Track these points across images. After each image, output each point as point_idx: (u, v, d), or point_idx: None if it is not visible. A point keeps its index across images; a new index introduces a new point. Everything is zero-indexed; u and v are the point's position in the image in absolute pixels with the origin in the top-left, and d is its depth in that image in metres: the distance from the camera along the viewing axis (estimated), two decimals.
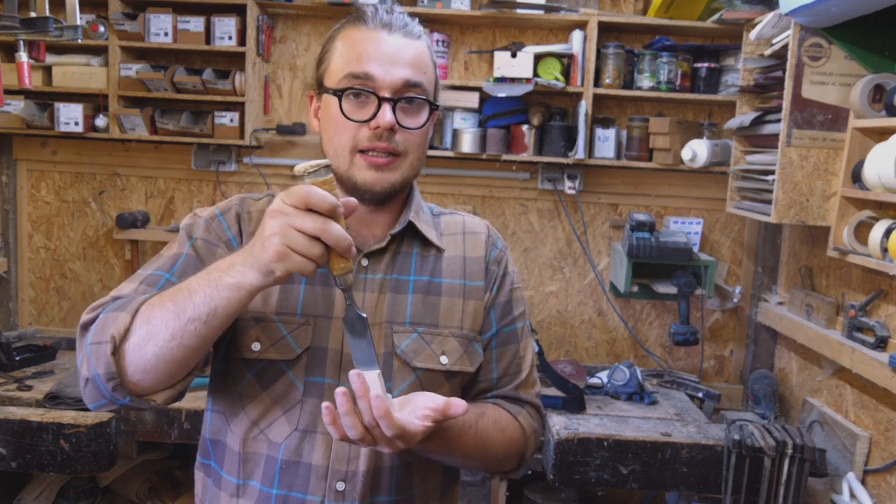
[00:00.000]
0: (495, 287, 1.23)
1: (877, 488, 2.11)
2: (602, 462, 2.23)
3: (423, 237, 1.19)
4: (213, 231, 1.13)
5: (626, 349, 3.09)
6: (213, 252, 1.10)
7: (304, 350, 1.08)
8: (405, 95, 1.09)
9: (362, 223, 1.17)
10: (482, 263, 1.22)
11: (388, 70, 1.08)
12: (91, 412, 2.28)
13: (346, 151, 1.10)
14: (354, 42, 1.10)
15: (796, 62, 2.17)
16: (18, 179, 3.11)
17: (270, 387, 1.09)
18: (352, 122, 1.09)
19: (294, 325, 1.09)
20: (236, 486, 1.12)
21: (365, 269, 1.14)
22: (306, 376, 1.08)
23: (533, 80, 2.75)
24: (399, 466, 1.12)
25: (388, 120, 1.07)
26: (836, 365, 2.31)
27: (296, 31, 3.01)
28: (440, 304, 1.16)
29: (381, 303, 1.13)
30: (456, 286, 1.18)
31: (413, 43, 1.12)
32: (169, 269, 1.08)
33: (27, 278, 3.15)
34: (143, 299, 0.98)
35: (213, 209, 1.17)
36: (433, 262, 1.19)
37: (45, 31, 1.90)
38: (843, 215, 2.12)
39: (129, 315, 0.95)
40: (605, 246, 3.05)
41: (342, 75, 1.09)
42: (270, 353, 1.08)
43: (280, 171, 3.06)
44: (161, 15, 2.78)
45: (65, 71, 2.86)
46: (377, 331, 1.12)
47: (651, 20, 2.81)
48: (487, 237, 1.25)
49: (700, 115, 2.98)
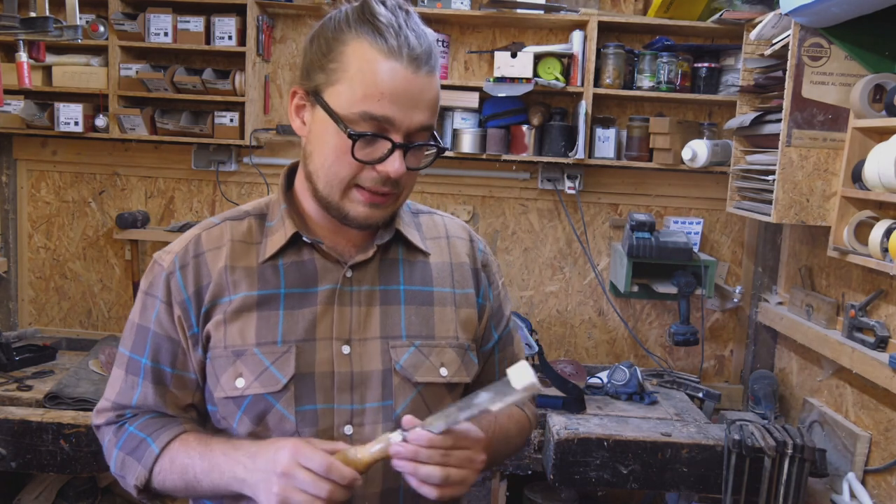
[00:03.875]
0: (490, 295, 1.21)
1: (877, 488, 2.11)
2: (602, 462, 2.23)
3: (406, 241, 1.14)
4: (171, 291, 1.08)
5: (626, 349, 3.09)
6: (171, 317, 1.08)
7: (290, 379, 1.03)
8: (416, 142, 1.02)
9: (340, 231, 1.11)
10: (468, 270, 1.18)
11: (408, 114, 0.99)
12: (91, 412, 2.28)
13: (342, 184, 1.03)
14: (373, 71, 0.98)
15: (796, 62, 2.17)
16: (18, 179, 3.11)
17: (262, 421, 1.05)
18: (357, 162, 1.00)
19: (276, 355, 1.04)
20: None
21: (350, 281, 1.09)
22: (296, 406, 1.04)
23: (533, 80, 2.75)
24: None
25: (398, 169, 1.00)
26: (836, 365, 2.31)
27: (296, 31, 3.01)
28: (433, 315, 1.12)
29: (372, 316, 1.09)
30: (447, 295, 1.14)
31: (432, 81, 1.03)
32: (143, 351, 1.10)
33: (27, 278, 3.15)
34: (155, 452, 1.07)
35: (172, 259, 1.10)
36: (421, 270, 1.14)
37: (45, 31, 1.91)
38: (843, 215, 2.12)
39: (146, 471, 1.08)
40: (605, 246, 3.05)
41: (356, 109, 0.99)
42: (255, 387, 1.03)
43: (280, 171, 3.04)
44: (161, 15, 2.78)
45: (65, 71, 2.86)
46: (372, 346, 1.07)
47: (651, 20, 2.81)
48: (470, 242, 1.22)
49: (700, 115, 2.98)
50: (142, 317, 1.10)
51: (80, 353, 2.86)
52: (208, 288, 1.07)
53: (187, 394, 1.11)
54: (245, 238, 1.11)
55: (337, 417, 1.05)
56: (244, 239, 1.11)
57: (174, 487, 1.07)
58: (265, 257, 1.08)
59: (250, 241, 1.10)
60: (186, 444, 1.06)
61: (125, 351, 1.12)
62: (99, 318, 3.15)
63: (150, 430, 1.09)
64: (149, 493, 1.10)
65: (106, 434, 1.14)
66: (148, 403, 1.10)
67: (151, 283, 1.10)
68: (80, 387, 2.42)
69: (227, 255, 1.08)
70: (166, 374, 1.09)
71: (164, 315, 1.08)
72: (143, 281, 1.12)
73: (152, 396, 1.10)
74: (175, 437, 1.08)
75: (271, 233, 1.11)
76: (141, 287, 1.12)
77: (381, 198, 1.04)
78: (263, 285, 1.07)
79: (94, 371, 2.58)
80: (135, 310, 1.12)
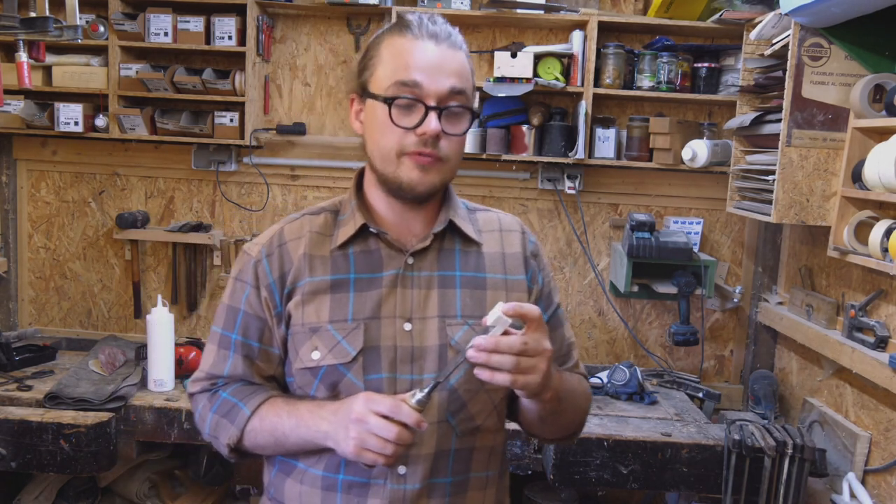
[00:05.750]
0: (540, 279, 1.32)
1: (877, 488, 2.11)
2: (602, 462, 2.23)
3: (462, 234, 1.26)
4: (259, 276, 1.24)
5: (626, 349, 3.09)
6: (259, 298, 1.23)
7: (359, 351, 1.17)
8: (449, 104, 1.15)
9: (402, 223, 1.24)
10: (520, 259, 1.30)
11: (435, 79, 1.14)
12: (91, 412, 2.28)
13: (392, 154, 1.16)
14: (401, 51, 1.16)
15: (796, 62, 2.17)
16: (18, 179, 3.11)
17: (335, 389, 1.18)
18: (399, 128, 1.14)
19: (347, 330, 1.18)
20: (303, 473, 1.22)
21: (411, 267, 1.22)
22: (365, 375, 1.17)
23: (533, 80, 2.75)
24: (458, 451, 1.20)
25: (435, 128, 1.13)
26: (836, 365, 2.31)
27: (296, 31, 3.01)
28: (486, 297, 1.24)
29: (431, 298, 1.21)
30: (498, 280, 1.26)
31: (456, 54, 1.18)
32: (233, 328, 1.25)
33: (27, 278, 3.15)
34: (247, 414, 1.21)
35: (259, 249, 1.25)
36: (475, 258, 1.27)
37: (45, 31, 1.91)
38: (843, 215, 2.12)
39: (238, 430, 1.22)
40: (605, 246, 3.05)
41: (390, 83, 1.14)
42: (329, 358, 1.17)
43: (280, 170, 3.06)
44: (161, 15, 2.78)
45: (65, 71, 2.86)
46: (430, 324, 1.20)
47: (651, 20, 2.81)
48: (522, 234, 1.33)
49: (700, 115, 2.98)
50: (232, 299, 1.26)
51: (80, 353, 2.86)
52: (290, 273, 1.22)
53: (270, 366, 1.26)
54: (321, 230, 1.26)
55: (399, 386, 1.17)
56: (320, 231, 1.25)
57: (264, 444, 1.21)
58: (336, 245, 1.23)
59: (325, 232, 1.25)
60: (275, 406, 1.21)
61: (217, 329, 1.28)
62: (99, 318, 3.15)
63: (242, 396, 1.24)
64: (238, 452, 1.25)
65: (200, 401, 1.29)
66: (237, 373, 1.26)
67: (241, 270, 1.26)
68: (79, 387, 2.42)
69: (305, 244, 1.24)
70: (254, 348, 1.25)
71: (253, 297, 1.24)
72: (234, 268, 1.28)
73: (241, 367, 1.25)
74: (265, 401, 1.22)
75: (343, 224, 1.25)
76: (231, 274, 1.28)
77: (427, 159, 1.15)
78: (336, 271, 1.22)
79: (94, 371, 2.59)
80: (226, 293, 1.28)
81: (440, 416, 1.18)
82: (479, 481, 1.24)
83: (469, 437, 1.21)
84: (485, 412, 1.22)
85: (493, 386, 1.18)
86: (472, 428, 1.21)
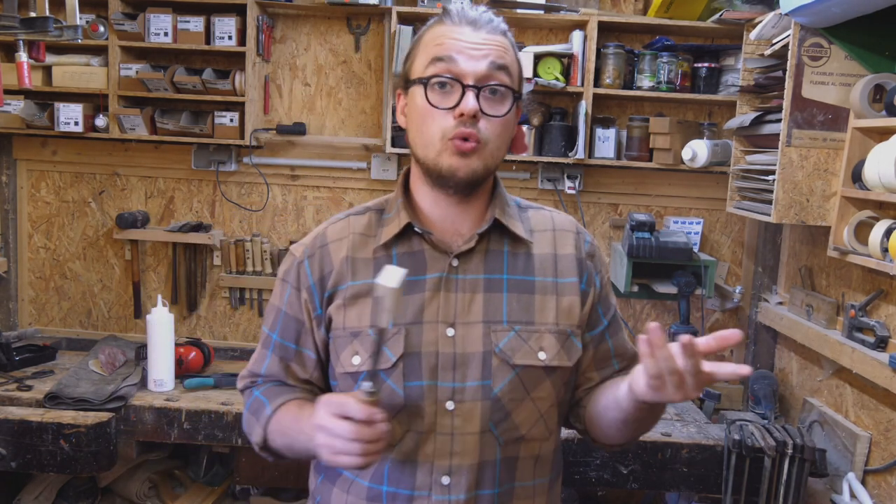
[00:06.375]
0: (597, 281, 1.26)
1: (877, 488, 2.11)
2: (602, 462, 2.23)
3: (511, 233, 1.21)
4: (300, 278, 1.23)
5: None
6: (299, 300, 1.22)
7: (399, 357, 1.13)
8: (489, 83, 1.11)
9: (448, 220, 1.20)
10: (573, 260, 1.24)
11: (472, 57, 1.11)
12: (91, 412, 2.28)
13: (434, 140, 1.12)
14: (439, 35, 1.14)
15: (796, 62, 2.17)
16: (18, 179, 3.11)
17: None
18: (437, 111, 1.11)
19: (387, 336, 1.13)
20: (349, 483, 1.19)
21: (455, 270, 1.17)
22: (405, 381, 1.13)
23: (533, 80, 2.75)
24: (503, 460, 1.16)
25: (472, 106, 1.09)
26: (836, 365, 2.31)
27: (296, 30, 3.01)
28: (534, 302, 1.19)
29: (476, 302, 1.16)
30: (548, 284, 1.21)
31: (497, 38, 1.14)
32: (273, 328, 1.25)
33: (27, 278, 3.15)
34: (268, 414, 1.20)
35: (303, 250, 1.24)
36: (524, 261, 1.21)
37: (45, 31, 1.90)
38: (843, 215, 2.12)
39: (262, 429, 1.21)
40: (605, 246, 3.05)
41: (427, 62, 1.13)
42: (369, 363, 1.11)
43: (280, 170, 3.06)
44: (161, 15, 2.78)
45: (65, 71, 2.86)
46: (474, 330, 1.15)
47: (651, 20, 2.81)
48: (577, 234, 1.28)
49: (700, 115, 2.98)
50: (276, 299, 1.26)
51: (80, 353, 2.86)
52: (330, 276, 1.20)
53: (305, 370, 1.24)
54: (365, 231, 1.23)
55: (440, 394, 1.13)
56: (364, 232, 1.23)
57: (281, 446, 1.20)
58: (380, 243, 1.20)
59: (369, 233, 1.23)
60: (289, 409, 1.19)
61: (264, 327, 1.28)
62: (99, 318, 3.15)
63: (271, 396, 1.23)
64: (269, 452, 1.24)
65: (245, 398, 1.30)
66: (273, 373, 1.25)
67: (286, 271, 1.25)
68: (79, 387, 2.42)
69: (348, 246, 1.21)
70: (290, 349, 1.24)
71: (293, 298, 1.23)
72: (280, 269, 1.27)
73: (276, 367, 1.25)
74: (284, 403, 1.20)
75: (387, 223, 1.22)
76: (278, 275, 1.27)
77: (466, 144, 1.11)
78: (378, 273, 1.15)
79: (94, 371, 2.58)
80: (273, 293, 1.27)
81: (483, 426, 1.14)
82: (525, 491, 1.19)
83: (513, 447, 1.16)
84: (530, 421, 1.18)
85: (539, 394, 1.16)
86: (516, 437, 1.16)
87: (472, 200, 1.20)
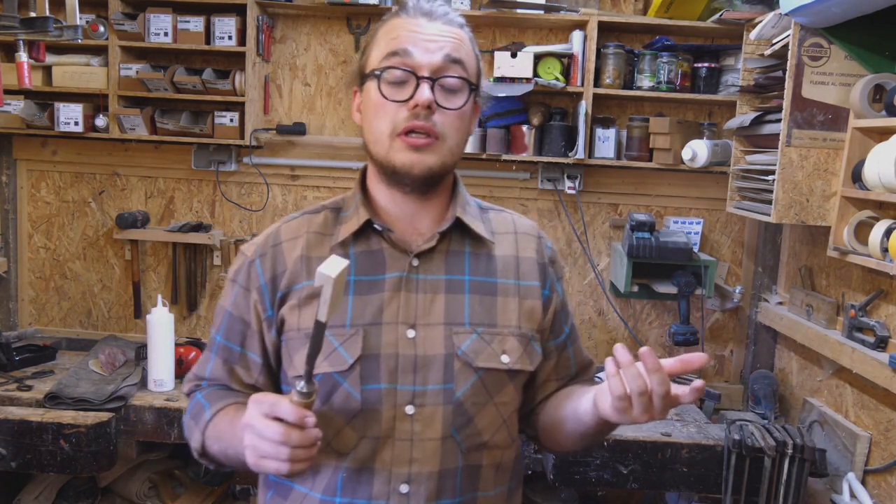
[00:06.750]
0: (558, 288, 1.25)
1: (877, 488, 2.11)
2: (602, 462, 2.23)
3: (472, 233, 1.18)
4: (251, 277, 1.18)
5: None
6: (247, 301, 1.17)
7: (357, 359, 1.08)
8: (444, 75, 1.09)
9: (407, 219, 1.17)
10: (536, 265, 1.22)
11: (427, 49, 1.09)
12: (91, 412, 2.28)
13: (385, 136, 1.09)
14: (394, 27, 1.12)
15: (796, 62, 2.17)
16: (18, 179, 3.11)
17: (329, 399, 1.09)
18: (391, 104, 1.08)
19: (344, 337, 1.09)
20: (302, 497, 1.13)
21: (416, 269, 1.14)
22: (362, 385, 1.08)
23: (533, 80, 2.75)
24: (464, 468, 1.12)
25: (426, 97, 1.06)
26: (836, 365, 2.31)
27: (296, 30, 3.01)
28: (496, 304, 1.16)
29: (437, 303, 1.13)
30: (510, 286, 1.18)
31: (454, 30, 1.13)
32: (219, 329, 1.21)
33: (27, 278, 3.15)
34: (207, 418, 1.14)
35: (254, 249, 1.20)
36: (486, 262, 1.18)
37: (45, 31, 1.90)
38: (843, 215, 2.12)
39: (200, 434, 1.15)
40: (605, 246, 3.05)
41: (382, 56, 1.10)
42: (324, 366, 1.08)
43: (280, 170, 3.05)
44: (161, 15, 2.78)
45: (65, 71, 2.86)
46: (436, 332, 1.11)
47: (651, 20, 2.80)
48: (539, 239, 1.26)
49: (700, 115, 2.98)
50: (224, 299, 1.21)
51: (80, 353, 2.86)
52: (284, 275, 1.15)
53: (249, 374, 1.19)
54: (321, 229, 1.19)
55: (400, 397, 1.09)
56: (320, 230, 1.19)
57: (217, 452, 1.13)
58: (338, 241, 1.16)
59: (326, 231, 1.18)
60: (227, 413, 1.12)
61: (212, 330, 1.24)
62: (99, 318, 3.15)
63: (212, 399, 1.17)
64: (207, 458, 1.18)
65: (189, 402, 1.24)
66: (217, 376, 1.20)
67: (236, 271, 1.21)
68: (79, 387, 2.42)
69: (303, 245, 1.17)
70: (234, 351, 1.19)
71: (240, 299, 1.18)
72: (230, 269, 1.23)
73: (220, 370, 1.20)
74: (226, 406, 1.14)
75: (345, 221, 1.18)
76: (228, 275, 1.22)
77: (420, 139, 1.08)
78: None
79: (94, 371, 2.59)
80: (222, 294, 1.23)
81: (444, 431, 1.09)
82: (487, 500, 1.15)
83: (476, 454, 1.12)
84: (493, 427, 1.14)
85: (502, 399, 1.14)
86: (478, 444, 1.12)
87: (431, 198, 1.17)
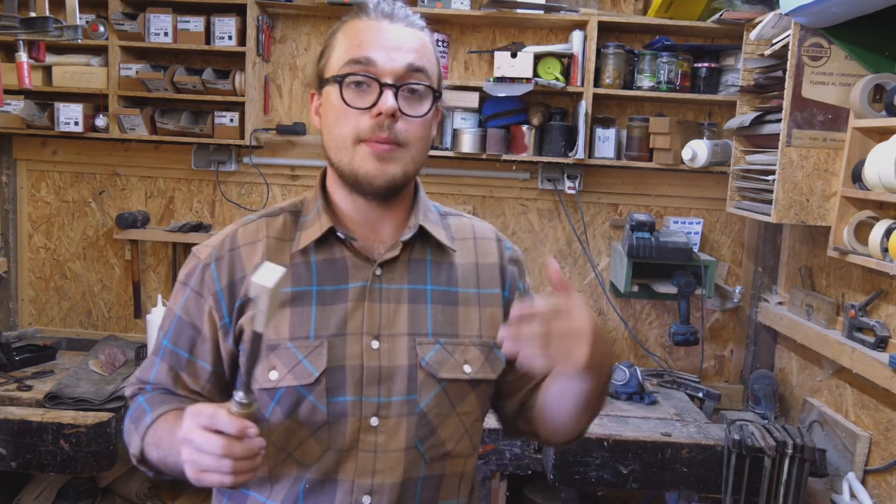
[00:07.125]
0: (520, 286, 1.23)
1: (877, 488, 2.11)
2: (602, 462, 2.23)
3: (434, 241, 1.16)
4: (205, 282, 1.13)
5: (626, 349, 3.09)
6: (200, 307, 1.12)
7: (322, 372, 1.06)
8: (408, 82, 1.07)
9: (369, 225, 1.15)
10: (496, 269, 1.21)
11: (390, 55, 1.06)
12: (91, 412, 2.28)
13: (347, 143, 1.07)
14: (355, 31, 1.09)
15: (796, 62, 2.17)
16: (18, 179, 3.11)
17: (293, 412, 1.07)
18: (353, 111, 1.06)
19: (309, 349, 1.07)
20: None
21: (379, 279, 1.12)
22: (328, 397, 1.06)
23: (533, 80, 2.75)
24: (426, 478, 1.11)
25: (391, 105, 1.04)
26: (836, 365, 2.31)
27: (296, 30, 3.01)
28: (458, 314, 1.15)
29: (400, 314, 1.11)
30: (471, 295, 1.17)
31: (416, 33, 1.10)
32: (166, 333, 1.15)
33: (27, 278, 3.15)
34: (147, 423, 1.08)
35: (209, 252, 1.15)
36: (447, 271, 1.17)
37: (45, 31, 1.90)
38: (843, 215, 2.12)
39: (140, 440, 1.09)
40: (605, 246, 3.05)
41: (343, 62, 1.07)
42: (289, 379, 1.06)
43: (280, 170, 3.05)
44: (161, 15, 2.78)
45: (65, 71, 2.86)
46: (400, 342, 1.10)
47: (651, 20, 2.80)
48: (498, 241, 1.25)
49: (700, 115, 2.98)
50: (173, 302, 1.16)
51: (80, 353, 2.86)
52: (243, 282, 1.11)
53: (197, 381, 1.14)
54: (279, 235, 1.15)
55: (364, 409, 1.07)
56: (279, 236, 1.14)
57: (157, 460, 1.07)
58: (298, 248, 1.12)
59: (285, 237, 1.14)
60: (167, 419, 1.07)
61: (159, 333, 1.18)
62: (99, 318, 3.15)
63: (154, 404, 1.12)
64: (147, 465, 1.12)
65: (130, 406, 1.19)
66: (161, 381, 1.15)
67: (188, 274, 1.15)
68: (79, 387, 2.42)
69: (262, 251, 1.12)
70: (182, 358, 1.13)
71: (191, 303, 1.13)
72: (181, 272, 1.17)
73: (165, 376, 1.14)
74: (166, 412, 1.09)
75: (306, 226, 1.14)
76: (179, 277, 1.17)
77: (384, 147, 1.06)
78: (297, 282, 1.10)
79: (94, 371, 2.59)
80: (172, 296, 1.18)
81: (408, 442, 1.08)
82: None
83: (439, 464, 1.11)
84: (456, 437, 1.12)
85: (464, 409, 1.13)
86: (442, 454, 1.11)
87: (393, 206, 1.15)
